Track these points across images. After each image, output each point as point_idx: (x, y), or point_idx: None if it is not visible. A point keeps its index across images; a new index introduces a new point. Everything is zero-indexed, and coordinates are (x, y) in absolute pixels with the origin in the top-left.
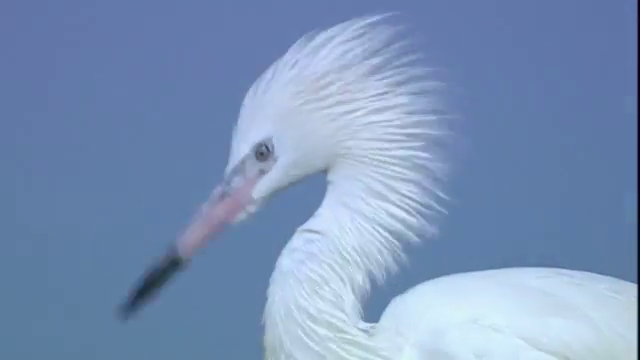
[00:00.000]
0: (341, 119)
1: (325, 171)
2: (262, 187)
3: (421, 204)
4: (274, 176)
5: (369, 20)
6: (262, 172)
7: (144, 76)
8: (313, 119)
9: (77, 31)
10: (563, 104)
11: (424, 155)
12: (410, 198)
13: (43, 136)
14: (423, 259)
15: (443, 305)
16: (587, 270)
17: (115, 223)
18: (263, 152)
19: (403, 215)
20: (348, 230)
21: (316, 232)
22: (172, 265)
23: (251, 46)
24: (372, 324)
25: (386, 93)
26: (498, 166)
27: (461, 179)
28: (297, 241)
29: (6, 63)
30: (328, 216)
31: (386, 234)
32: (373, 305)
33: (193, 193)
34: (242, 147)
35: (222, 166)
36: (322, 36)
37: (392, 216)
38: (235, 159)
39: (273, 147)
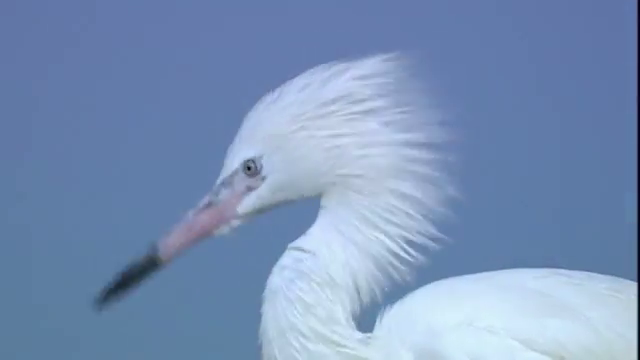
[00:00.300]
0: (335, 150)
1: (311, 197)
2: (248, 203)
3: (414, 235)
4: (260, 194)
5: (380, 60)
6: (250, 189)
7: (141, 76)
8: (306, 145)
9: (77, 31)
10: (563, 104)
11: (416, 189)
12: (404, 229)
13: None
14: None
15: (440, 308)
16: (587, 270)
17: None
18: (251, 168)
19: (395, 247)
20: (338, 255)
21: (306, 251)
22: (151, 265)
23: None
24: (369, 334)
25: (381, 131)
26: (497, 166)
27: (460, 180)
28: (287, 259)
29: (5, 63)
30: (320, 237)
31: (374, 266)
32: (370, 310)
33: (179, 191)
34: (234, 161)
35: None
36: (337, 68)
37: (385, 247)
38: (226, 171)
39: (262, 166)
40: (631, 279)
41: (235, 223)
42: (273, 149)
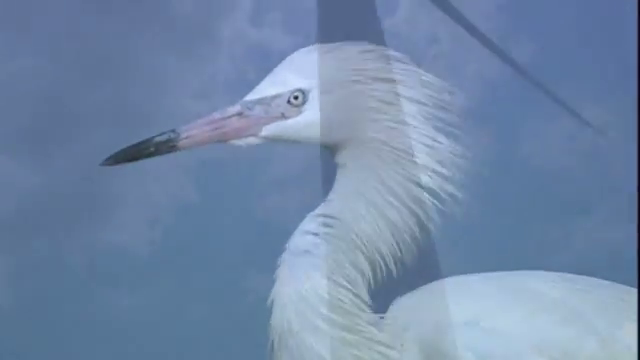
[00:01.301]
0: (377, 114)
1: (331, 151)
2: (276, 129)
3: (430, 211)
4: (292, 125)
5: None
6: (284, 116)
7: None
8: (357, 98)
9: None
10: (564, 101)
11: (437, 176)
12: (420, 202)
13: None
14: (428, 256)
15: (449, 305)
16: (587, 272)
17: None
18: (298, 98)
19: (409, 216)
20: (362, 218)
21: (331, 217)
22: (167, 147)
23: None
24: (380, 315)
25: (419, 120)
26: (497, 167)
27: (464, 179)
28: (311, 224)
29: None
30: (342, 202)
31: (396, 230)
32: (378, 298)
33: None
34: (282, 85)
35: None
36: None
37: (400, 214)
38: (268, 90)
39: (306, 100)
40: (631, 283)
41: (253, 141)
42: (325, 89)
